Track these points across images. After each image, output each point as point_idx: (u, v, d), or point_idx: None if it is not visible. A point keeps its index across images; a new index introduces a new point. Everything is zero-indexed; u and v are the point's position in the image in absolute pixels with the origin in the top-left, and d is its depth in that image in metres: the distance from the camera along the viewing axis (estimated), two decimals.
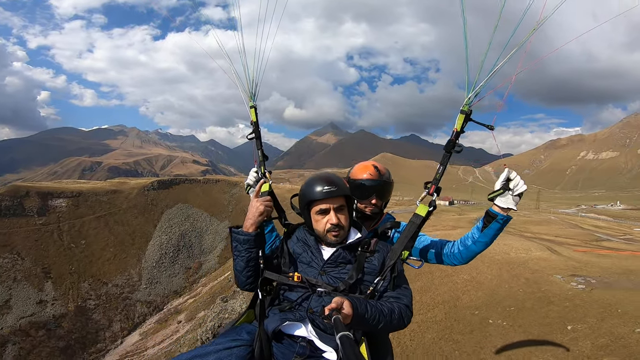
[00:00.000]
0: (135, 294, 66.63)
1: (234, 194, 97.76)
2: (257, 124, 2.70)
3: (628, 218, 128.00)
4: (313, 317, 1.94)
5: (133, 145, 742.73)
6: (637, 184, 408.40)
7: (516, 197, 2.13)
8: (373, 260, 2.12)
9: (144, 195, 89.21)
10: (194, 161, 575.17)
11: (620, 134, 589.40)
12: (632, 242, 49.59)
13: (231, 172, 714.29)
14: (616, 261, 22.97)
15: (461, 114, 2.13)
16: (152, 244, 78.43)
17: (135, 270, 71.38)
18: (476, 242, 2.26)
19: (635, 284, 16.48)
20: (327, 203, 2.08)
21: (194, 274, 75.81)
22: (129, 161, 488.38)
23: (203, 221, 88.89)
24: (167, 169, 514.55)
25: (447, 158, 2.19)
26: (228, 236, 2.17)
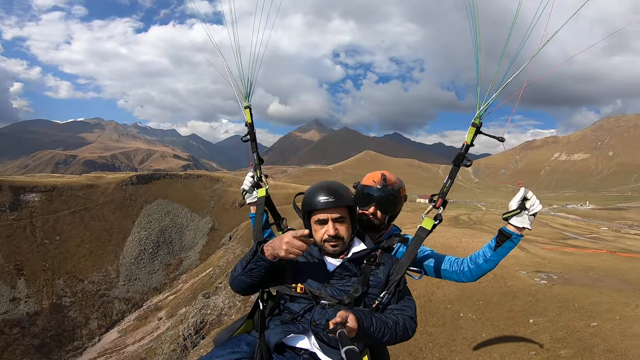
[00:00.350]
0: (112, 291, 65.36)
1: (216, 190, 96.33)
2: (252, 125, 2.64)
3: (596, 217, 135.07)
4: (317, 330, 1.91)
5: (110, 139, 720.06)
6: (606, 185, 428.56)
7: (531, 216, 2.11)
8: (378, 273, 2.09)
9: (122, 190, 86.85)
10: (174, 156, 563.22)
11: (592, 137, 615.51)
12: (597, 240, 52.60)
13: (213, 168, 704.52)
14: (578, 258, 24.60)
15: (472, 127, 2.13)
16: (130, 240, 76.94)
17: (113, 267, 69.85)
18: (488, 261, 2.25)
19: (593, 280, 17.87)
20: (326, 213, 2.05)
21: (174, 270, 74.66)
22: (105, 155, 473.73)
23: (184, 217, 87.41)
24: (146, 163, 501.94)
25: (456, 171, 2.20)
26: (209, 232, 2.34)
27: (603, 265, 22.33)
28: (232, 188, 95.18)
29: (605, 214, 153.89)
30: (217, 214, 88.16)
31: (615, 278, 18.43)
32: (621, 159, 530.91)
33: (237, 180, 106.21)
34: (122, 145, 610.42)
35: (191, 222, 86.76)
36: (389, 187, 2.55)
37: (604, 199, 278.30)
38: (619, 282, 17.48)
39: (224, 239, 72.26)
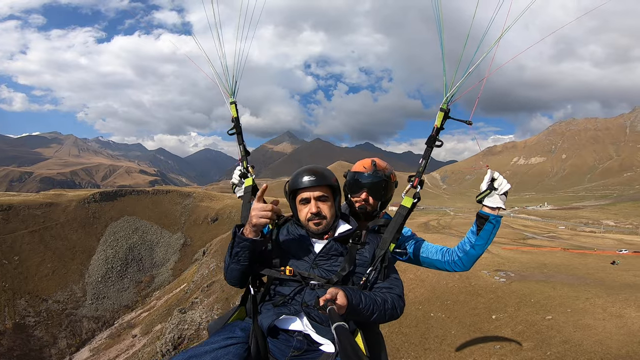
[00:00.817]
0: (80, 310, 64.11)
1: (187, 205, 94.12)
2: (238, 119, 2.71)
3: (553, 217, 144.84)
4: (308, 311, 1.94)
5: (69, 154, 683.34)
6: (562, 186, 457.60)
7: (502, 196, 2.19)
8: (364, 252, 2.13)
9: (84, 208, 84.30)
10: (140, 171, 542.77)
11: (546, 141, 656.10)
12: (554, 239, 56.46)
13: (183, 182, 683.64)
14: (534, 257, 26.67)
15: (440, 111, 2.24)
16: (95, 259, 75.13)
17: (78, 286, 68.43)
18: (475, 246, 2.27)
19: (547, 276, 19.58)
20: (309, 192, 2.10)
21: (146, 287, 73.25)
22: (64, 171, 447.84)
23: (153, 233, 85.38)
24: (109, 179, 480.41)
25: (429, 152, 2.31)
26: (181, 248, 2.56)
27: (556, 261, 24.36)
28: (203, 203, 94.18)
29: (562, 214, 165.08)
30: (188, 230, 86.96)
31: (566, 273, 20.27)
32: (573, 161, 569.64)
33: (209, 195, 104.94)
34: (82, 161, 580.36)
35: (162, 238, 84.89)
36: (380, 172, 2.55)
37: (560, 199, 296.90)
38: (570, 277, 19.28)
39: (197, 254, 71.17)
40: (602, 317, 13.27)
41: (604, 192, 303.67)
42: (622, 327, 12.30)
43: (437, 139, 2.28)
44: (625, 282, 17.52)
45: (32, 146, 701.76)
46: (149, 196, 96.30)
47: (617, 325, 12.52)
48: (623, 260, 24.98)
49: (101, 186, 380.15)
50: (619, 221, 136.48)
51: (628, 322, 12.58)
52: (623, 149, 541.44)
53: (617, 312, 13.42)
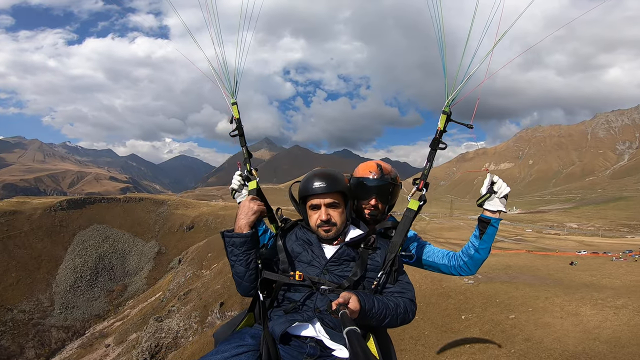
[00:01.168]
0: (48, 320, 62.53)
1: (161, 213, 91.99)
2: (240, 120, 2.65)
3: (521, 221, 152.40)
4: (322, 316, 1.92)
5: (34, 160, 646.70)
6: (529, 190, 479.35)
7: (502, 199, 2.19)
8: (375, 256, 2.11)
9: (50, 216, 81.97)
10: (111, 178, 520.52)
11: (514, 147, 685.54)
12: (520, 242, 59.43)
13: (156, 190, 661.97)
14: (500, 259, 28.12)
15: (443, 114, 2.26)
16: (63, 268, 73.20)
17: (45, 295, 66.84)
18: (479, 250, 2.29)
19: (511, 277, 20.78)
20: (319, 199, 2.09)
21: (118, 296, 71.68)
22: (28, 177, 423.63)
23: (125, 242, 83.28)
24: (77, 186, 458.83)
25: (433, 155, 2.30)
26: (155, 257, 2.50)
27: (520, 263, 25.83)
28: (178, 211, 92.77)
29: (529, 217, 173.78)
30: (163, 238, 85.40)
31: (529, 274, 21.60)
32: (540, 166, 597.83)
33: (184, 202, 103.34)
34: (48, 167, 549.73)
35: (134, 247, 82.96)
36: (387, 176, 2.53)
37: (528, 203, 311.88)
38: (532, 278, 20.56)
39: (173, 262, 70.38)
40: (560, 316, 14.31)
41: (568, 196, 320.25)
42: (578, 325, 13.32)
43: (441, 141, 2.30)
44: (582, 281, 18.92)
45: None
46: (121, 204, 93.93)
47: (573, 323, 13.54)
48: (581, 261, 26.83)
49: (68, 193, 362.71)
50: (582, 223, 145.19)
51: (583, 320, 13.64)
52: (585, 155, 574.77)
53: (573, 311, 14.51)
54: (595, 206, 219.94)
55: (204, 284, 42.84)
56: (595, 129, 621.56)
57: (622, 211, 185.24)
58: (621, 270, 22.10)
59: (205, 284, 42.62)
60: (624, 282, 17.77)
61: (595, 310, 14.18)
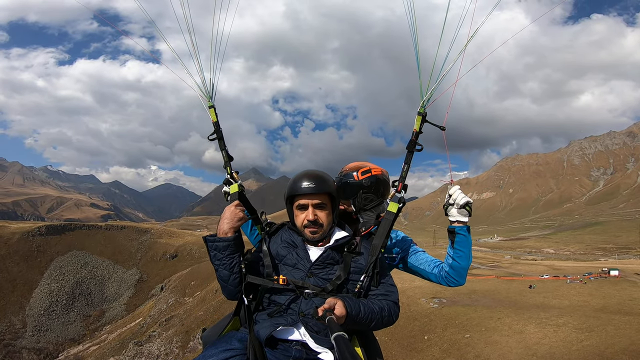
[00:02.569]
0: (19, 341, 62.60)
1: (144, 242, 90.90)
2: (218, 123, 2.61)
3: (501, 248, 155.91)
4: (306, 320, 1.93)
5: (13, 183, 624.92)
6: (510, 219, 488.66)
7: (461, 209, 2.20)
8: (359, 260, 2.11)
9: (27, 241, 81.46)
10: (92, 204, 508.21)
11: (495, 177, 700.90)
12: (495, 268, 61.33)
13: (139, 218, 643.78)
14: (470, 284, 29.82)
15: (418, 115, 2.26)
16: (38, 292, 72.93)
17: (18, 318, 66.62)
18: (455, 258, 2.29)
19: (473, 300, 22.49)
20: (306, 199, 2.08)
21: (95, 321, 71.09)
22: (5, 201, 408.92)
23: (105, 269, 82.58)
24: (56, 212, 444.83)
25: (410, 157, 2.30)
26: (136, 284, 2.92)
27: (485, 288, 27.55)
28: (162, 239, 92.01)
29: (509, 244, 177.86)
30: (145, 266, 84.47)
31: (490, 298, 23.32)
32: (519, 195, 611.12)
33: (169, 231, 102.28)
34: (26, 191, 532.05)
35: (114, 274, 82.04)
36: (378, 176, 2.60)
37: (509, 230, 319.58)
38: (491, 301, 22.28)
39: (155, 290, 69.90)
40: (507, 334, 16.05)
41: (547, 222, 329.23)
42: (521, 342, 15.10)
43: (417, 143, 2.30)
44: (534, 302, 20.71)
45: None
46: (102, 231, 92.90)
47: (517, 340, 15.31)
48: (540, 284, 28.75)
49: (46, 219, 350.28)
50: (559, 248, 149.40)
51: (526, 337, 15.41)
52: (562, 182, 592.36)
53: (519, 329, 16.27)
54: (573, 232, 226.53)
55: (187, 310, 42.75)
56: (570, 156, 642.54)
57: (598, 235, 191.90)
58: (572, 291, 24.08)
59: (187, 310, 42.54)
60: (572, 302, 19.65)
61: (538, 328, 15.97)
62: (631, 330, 14.48)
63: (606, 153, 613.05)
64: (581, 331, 14.67)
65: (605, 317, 16.74)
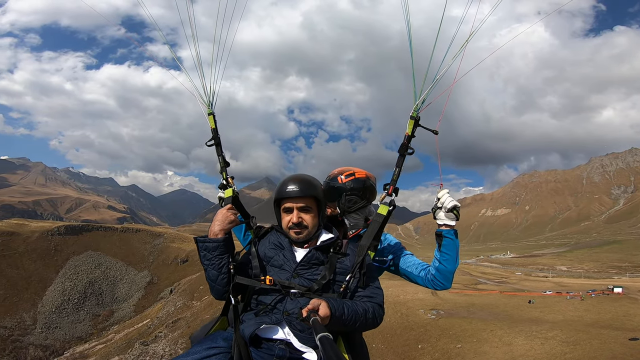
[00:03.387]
0: (27, 337, 63.65)
1: (157, 245, 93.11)
2: (217, 130, 2.68)
3: (513, 264, 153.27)
4: (290, 320, 1.95)
5: (35, 183, 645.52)
6: (525, 236, 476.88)
7: (449, 213, 2.23)
8: (345, 261, 2.13)
9: (46, 240, 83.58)
10: (109, 207, 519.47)
11: (511, 193, 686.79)
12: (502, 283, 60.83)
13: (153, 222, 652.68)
14: (470, 298, 30.11)
15: (411, 119, 2.27)
16: (51, 290, 74.52)
17: (29, 314, 68.03)
18: (442, 262, 2.29)
19: (470, 313, 22.92)
20: (291, 202, 2.13)
21: (103, 321, 72.31)
22: (27, 200, 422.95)
23: (117, 270, 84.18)
24: (74, 212, 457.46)
25: (402, 160, 2.33)
26: (146, 286, 3.31)
27: (485, 302, 27.81)
28: (174, 244, 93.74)
29: (521, 261, 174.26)
30: (156, 269, 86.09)
31: (487, 311, 23.68)
32: (536, 212, 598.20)
33: (181, 236, 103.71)
34: (47, 191, 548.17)
35: (126, 275, 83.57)
36: (364, 180, 2.65)
37: (523, 247, 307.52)
38: (488, 314, 22.67)
39: (164, 292, 71.18)
40: (496, 345, 16.60)
41: (563, 240, 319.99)
42: (507, 353, 15.67)
43: (409, 146, 2.31)
44: (529, 317, 21.03)
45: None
46: (117, 233, 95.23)
47: (504, 351, 15.88)
48: (540, 300, 28.81)
49: (64, 219, 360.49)
50: (572, 266, 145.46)
51: (513, 349, 15.96)
52: (581, 200, 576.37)
53: (508, 341, 16.79)
54: (589, 250, 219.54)
55: (194, 314, 43.80)
56: (590, 174, 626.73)
57: (615, 254, 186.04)
58: (570, 307, 24.23)
59: (194, 314, 43.59)
60: (566, 317, 19.97)
61: (526, 341, 16.49)
62: (616, 345, 14.89)
63: (627, 170, 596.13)
64: (567, 344, 15.17)
65: (594, 331, 17.23)
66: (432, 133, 2.29)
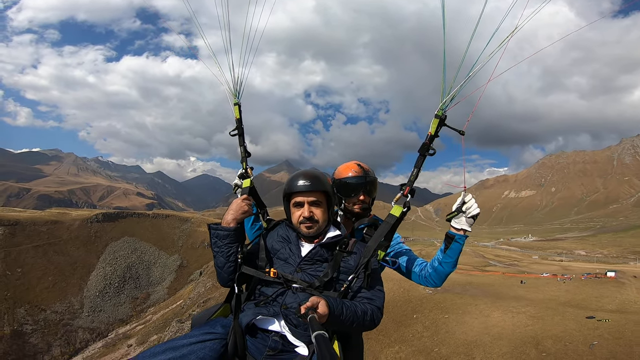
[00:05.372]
0: (76, 321, 67.74)
1: (185, 230, 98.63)
2: (241, 120, 2.70)
3: (532, 248, 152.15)
4: (287, 313, 1.96)
5: (68, 173, 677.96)
6: (549, 219, 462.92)
7: (470, 219, 2.18)
8: (349, 260, 2.12)
9: (86, 227, 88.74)
10: (138, 194, 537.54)
11: (537, 174, 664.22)
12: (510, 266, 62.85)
13: (179, 207, 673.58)
14: (470, 278, 32.87)
15: (435, 118, 2.14)
16: (95, 275, 79.33)
17: (77, 299, 72.24)
18: (443, 264, 2.29)
19: (464, 290, 25.94)
20: (303, 196, 2.14)
21: (141, 303, 77.09)
22: (62, 189, 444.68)
23: (151, 254, 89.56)
24: (106, 200, 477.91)
25: (422, 160, 2.23)
26: (177, 269, 4.71)
27: (482, 281, 30.51)
28: (200, 228, 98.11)
29: (541, 244, 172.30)
30: (185, 252, 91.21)
31: (479, 289, 26.55)
32: (562, 194, 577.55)
33: (206, 220, 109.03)
34: (80, 180, 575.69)
35: (159, 259, 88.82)
36: (369, 172, 2.66)
37: (546, 231, 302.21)
38: (479, 291, 25.58)
39: (194, 275, 75.10)
40: (476, 317, 19.70)
41: (589, 224, 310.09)
42: (483, 323, 18.81)
43: (431, 147, 2.21)
44: (514, 294, 23.80)
45: (31, 162, 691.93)
46: (149, 219, 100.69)
47: (481, 322, 19.00)
48: (533, 281, 31.30)
49: (98, 206, 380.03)
50: (593, 250, 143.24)
51: (488, 320, 19.07)
52: (610, 182, 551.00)
53: (487, 314, 19.85)
54: (614, 234, 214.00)
55: (222, 293, 47.13)
56: (621, 155, 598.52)
57: (639, 239, 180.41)
58: (554, 288, 26.77)
59: (223, 293, 46.99)
60: (545, 296, 22.68)
61: (501, 314, 19.55)
62: (572, 321, 16.95)
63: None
64: (532, 318, 17.29)
65: (561, 309, 19.20)
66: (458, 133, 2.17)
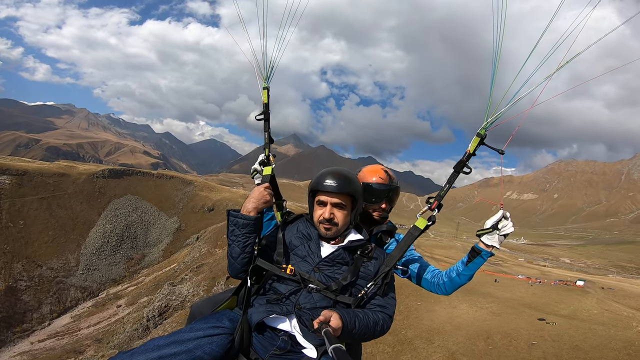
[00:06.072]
0: (70, 279, 66.81)
1: (187, 193, 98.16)
2: (268, 105, 2.61)
3: (521, 250, 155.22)
4: (300, 314, 1.92)
5: (79, 127, 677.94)
6: (545, 224, 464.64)
7: (502, 237, 2.12)
8: (369, 265, 2.09)
9: (92, 182, 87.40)
10: (144, 152, 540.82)
11: (542, 179, 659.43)
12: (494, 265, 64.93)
13: (183, 169, 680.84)
14: None
15: (477, 136, 2.12)
16: (94, 232, 78.12)
17: (73, 256, 71.13)
18: (460, 275, 2.28)
19: None
20: (327, 196, 2.07)
21: (135, 264, 76.49)
22: (70, 143, 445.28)
23: (151, 215, 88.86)
24: (112, 156, 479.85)
25: (455, 177, 2.20)
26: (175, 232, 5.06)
27: None
28: (202, 192, 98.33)
29: (530, 248, 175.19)
30: (184, 216, 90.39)
31: None
32: (563, 201, 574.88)
33: (209, 185, 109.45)
34: (90, 135, 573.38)
35: (158, 220, 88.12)
36: (394, 181, 2.65)
37: (539, 236, 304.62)
38: None
39: (190, 239, 74.86)
40: (444, 307, 21.35)
41: (582, 234, 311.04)
42: (450, 314, 20.48)
43: (467, 164, 2.15)
44: (484, 291, 25.37)
45: (44, 115, 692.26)
46: (153, 179, 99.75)
47: (448, 312, 20.66)
48: (507, 281, 33.16)
49: (104, 162, 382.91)
50: (576, 260, 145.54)
51: (454, 311, 20.72)
52: (614, 195, 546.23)
53: (455, 305, 21.50)
54: (604, 247, 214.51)
55: (216, 260, 47.47)
56: (631, 170, 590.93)
57: (627, 254, 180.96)
58: (522, 289, 28.44)
59: (217, 260, 47.30)
60: (511, 296, 24.31)
61: (467, 307, 21.22)
62: (524, 321, 18.48)
63: None
64: (492, 314, 18.98)
65: (520, 309, 20.66)
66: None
